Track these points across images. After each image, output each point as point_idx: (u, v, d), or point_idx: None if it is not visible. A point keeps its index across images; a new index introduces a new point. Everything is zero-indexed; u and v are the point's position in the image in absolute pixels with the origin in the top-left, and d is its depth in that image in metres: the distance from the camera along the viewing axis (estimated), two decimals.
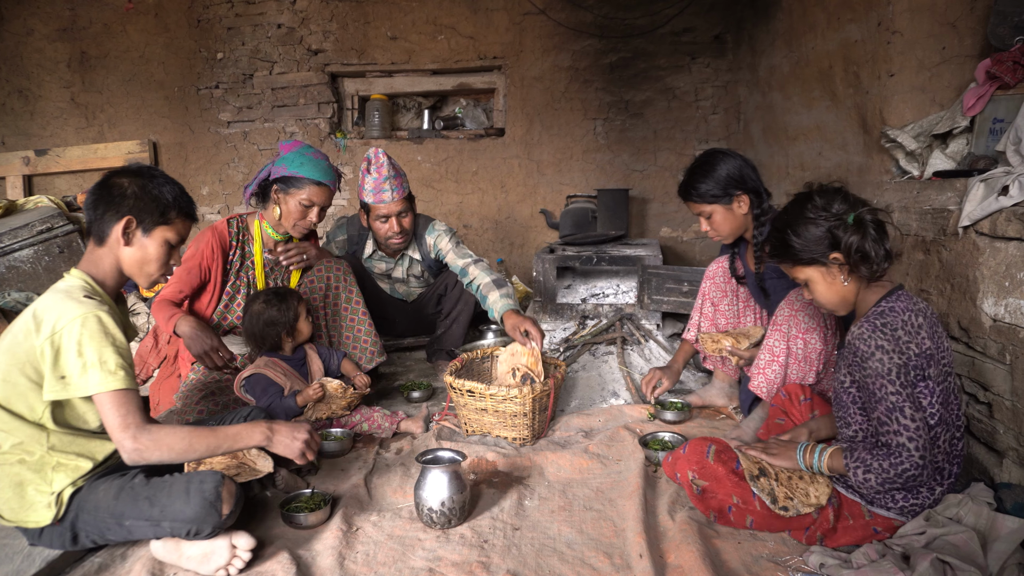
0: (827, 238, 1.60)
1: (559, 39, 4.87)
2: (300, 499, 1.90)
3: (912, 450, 1.49)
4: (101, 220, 1.66)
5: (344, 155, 5.16)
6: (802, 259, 1.65)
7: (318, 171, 2.49)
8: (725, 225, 2.29)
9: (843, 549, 1.65)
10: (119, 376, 1.52)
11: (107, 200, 1.66)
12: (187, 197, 1.77)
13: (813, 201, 1.64)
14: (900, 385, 1.50)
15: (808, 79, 3.47)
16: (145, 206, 1.67)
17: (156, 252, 1.70)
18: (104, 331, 1.53)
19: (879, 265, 1.58)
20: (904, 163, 2.64)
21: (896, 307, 1.57)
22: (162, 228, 1.70)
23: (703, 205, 2.27)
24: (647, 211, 5.04)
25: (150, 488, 1.60)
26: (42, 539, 1.61)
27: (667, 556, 1.64)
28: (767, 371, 2.10)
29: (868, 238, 1.57)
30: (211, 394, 2.38)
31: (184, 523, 1.56)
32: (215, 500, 1.56)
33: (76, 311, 1.52)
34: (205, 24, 5.12)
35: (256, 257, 2.59)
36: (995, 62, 2.30)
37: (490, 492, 2.01)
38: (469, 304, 3.11)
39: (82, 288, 1.61)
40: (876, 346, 1.52)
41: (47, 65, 5.26)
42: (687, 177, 2.30)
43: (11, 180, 5.24)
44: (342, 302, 2.68)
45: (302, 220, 2.52)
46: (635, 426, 2.44)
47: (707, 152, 2.31)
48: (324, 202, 2.54)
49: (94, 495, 1.60)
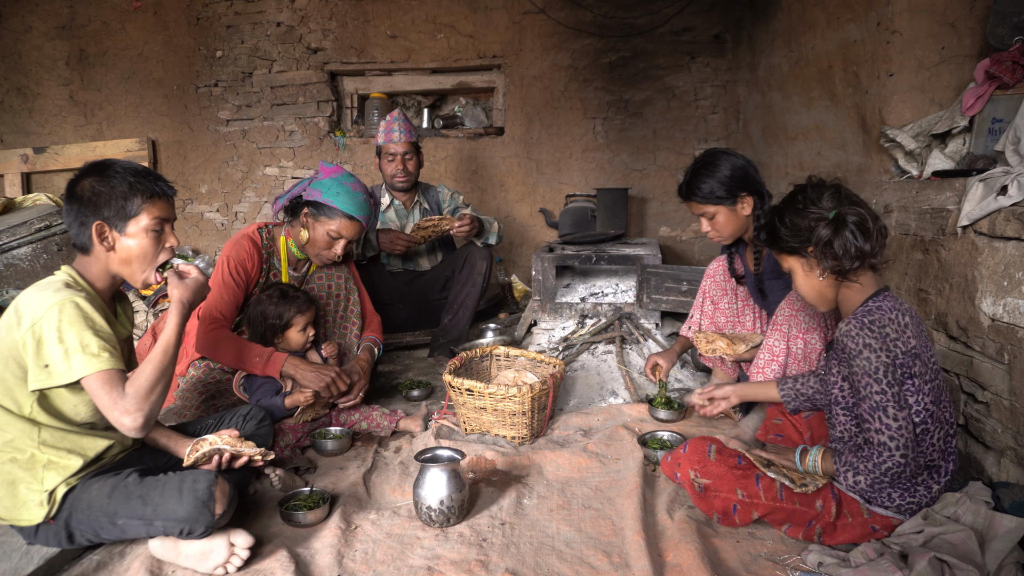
0: (807, 230, 1.64)
1: (559, 38, 4.86)
2: (299, 497, 1.90)
3: (893, 449, 1.52)
4: (78, 232, 1.64)
5: (343, 153, 5.16)
6: (785, 248, 1.70)
7: (353, 205, 2.40)
8: (728, 226, 2.26)
9: (841, 547, 1.65)
10: (103, 358, 1.51)
11: (74, 211, 1.63)
12: (147, 177, 1.67)
13: (805, 192, 1.68)
14: (886, 384, 1.53)
15: (807, 79, 3.48)
16: (107, 205, 1.62)
17: (140, 246, 1.66)
18: (83, 316, 1.52)
19: (849, 263, 1.60)
20: (903, 163, 2.64)
21: (883, 306, 1.60)
22: (134, 220, 1.64)
23: (707, 206, 2.24)
24: (646, 210, 5.04)
25: (143, 487, 1.59)
26: (38, 537, 1.61)
27: (666, 555, 1.64)
28: (766, 370, 2.10)
29: (840, 236, 1.59)
30: (211, 397, 2.38)
31: (177, 522, 1.56)
32: (208, 500, 1.55)
33: (52, 299, 1.51)
34: (204, 22, 5.12)
35: (282, 272, 2.55)
36: (994, 62, 2.30)
37: (489, 491, 2.01)
38: (476, 287, 3.21)
39: (63, 281, 1.61)
40: (864, 344, 1.55)
41: (46, 63, 5.25)
42: (690, 177, 2.25)
43: (9, 178, 5.23)
44: (341, 310, 2.67)
45: (327, 251, 2.46)
46: (634, 425, 2.44)
47: (709, 152, 2.28)
48: (353, 236, 2.46)
49: (88, 494, 1.59)
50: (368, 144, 5.13)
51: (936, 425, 1.59)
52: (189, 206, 5.34)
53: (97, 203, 1.61)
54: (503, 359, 2.76)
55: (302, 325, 2.38)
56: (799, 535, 1.70)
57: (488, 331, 3.49)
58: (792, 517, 1.69)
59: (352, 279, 2.70)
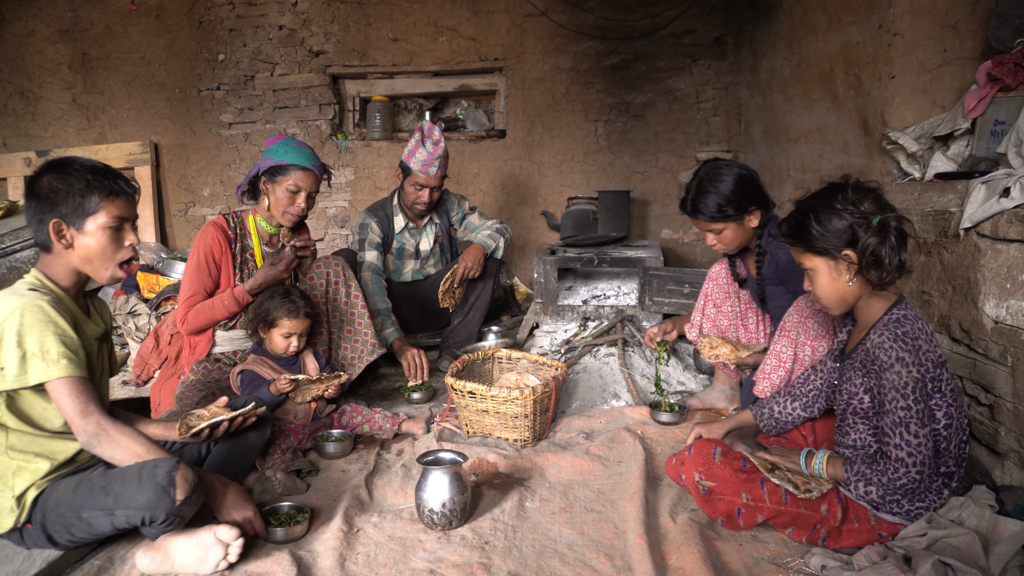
0: (847, 233, 1.57)
1: (560, 41, 4.87)
2: (278, 513, 1.83)
3: (910, 465, 1.51)
4: (37, 229, 1.62)
5: (345, 156, 5.16)
6: (815, 247, 1.62)
7: (302, 157, 2.51)
8: (736, 240, 2.24)
9: (845, 551, 1.65)
10: (61, 364, 1.50)
11: (32, 208, 1.61)
12: (106, 175, 1.63)
13: (845, 193, 1.59)
14: (912, 400, 1.50)
15: (809, 81, 3.47)
16: (63, 202, 1.59)
17: (98, 244, 1.62)
18: (46, 319, 1.50)
19: (891, 273, 1.56)
20: (905, 165, 2.64)
21: (909, 315, 1.57)
22: (91, 218, 1.61)
23: (714, 224, 2.19)
24: (648, 213, 5.04)
25: (106, 478, 1.57)
26: (26, 542, 1.61)
27: (668, 558, 1.64)
28: (772, 376, 2.10)
29: (887, 244, 1.54)
30: (211, 394, 2.38)
31: (137, 510, 1.52)
32: (167, 485, 1.50)
33: (16, 303, 1.50)
34: (206, 25, 5.13)
35: (255, 251, 2.59)
36: (996, 64, 2.30)
37: (491, 493, 2.01)
38: (488, 289, 3.27)
39: (28, 284, 1.60)
40: (896, 357, 1.51)
41: (48, 66, 5.26)
42: (695, 195, 2.19)
43: (12, 181, 5.24)
44: (341, 297, 2.71)
45: (291, 206, 2.53)
46: (636, 427, 2.44)
47: (712, 165, 2.20)
48: (310, 187, 2.54)
49: (56, 492, 1.58)
50: (370, 147, 5.13)
51: (954, 433, 1.57)
52: (191, 209, 5.35)
53: (54, 200, 1.59)
54: (505, 362, 2.76)
55: (287, 330, 2.36)
56: (803, 539, 1.69)
57: (490, 333, 3.49)
58: (796, 521, 1.68)
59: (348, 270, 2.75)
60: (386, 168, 5.10)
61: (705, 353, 2.38)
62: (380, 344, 2.76)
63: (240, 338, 2.53)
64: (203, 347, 2.50)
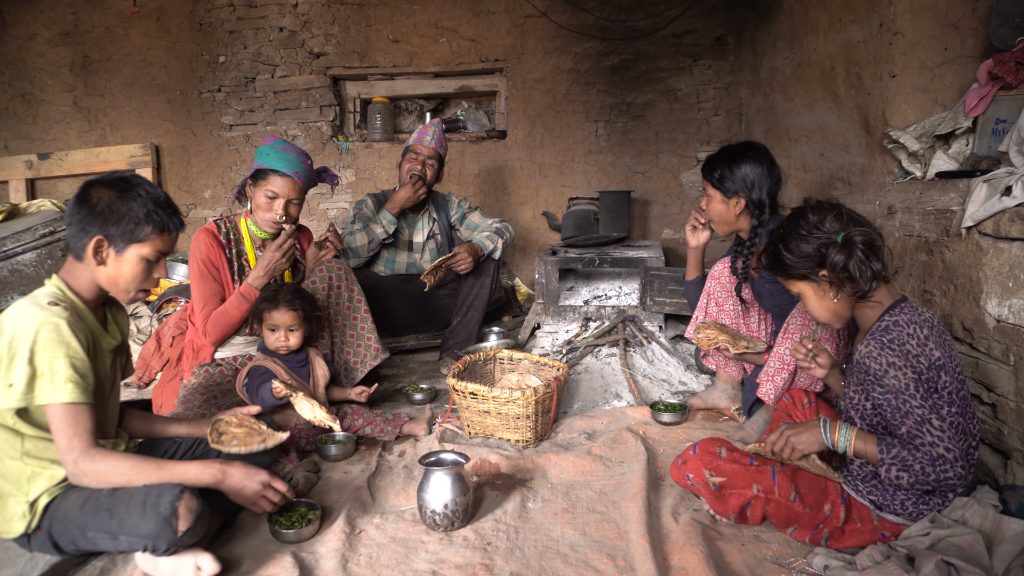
0: (816, 255, 1.61)
1: (560, 41, 4.87)
2: (295, 509, 1.83)
3: (951, 460, 1.47)
4: (75, 236, 1.60)
5: (346, 158, 5.16)
6: (793, 274, 1.67)
7: (282, 162, 2.44)
8: (714, 213, 2.42)
9: (848, 551, 1.64)
10: (67, 389, 1.48)
11: (80, 215, 1.59)
12: (167, 210, 1.64)
13: (806, 217, 1.64)
14: (922, 397, 1.50)
15: (810, 80, 3.47)
16: (116, 223, 1.58)
17: (131, 272, 1.63)
18: (59, 340, 1.49)
19: (867, 284, 1.58)
20: (907, 164, 2.63)
21: (900, 320, 1.57)
22: (135, 246, 1.61)
23: (710, 188, 2.38)
24: (649, 213, 5.03)
25: (112, 499, 1.55)
26: (32, 546, 1.61)
27: (671, 558, 1.64)
28: (776, 378, 2.10)
29: (854, 259, 1.57)
30: (212, 398, 2.38)
31: (140, 538, 1.51)
32: (170, 516, 1.49)
33: (35, 318, 1.49)
34: (207, 28, 5.13)
35: (249, 255, 2.57)
36: (997, 63, 2.30)
37: (493, 494, 2.01)
38: (485, 288, 3.28)
39: (50, 295, 1.58)
40: (888, 363, 1.52)
41: (50, 69, 5.27)
42: (716, 156, 2.38)
43: (14, 184, 5.25)
44: (344, 300, 2.69)
45: (268, 213, 2.47)
46: (638, 428, 2.44)
47: (748, 145, 2.38)
48: (288, 194, 2.47)
49: (64, 504, 1.57)
50: (371, 148, 5.14)
51: (961, 437, 1.56)
52: (193, 211, 5.35)
53: (107, 218, 1.58)
54: (507, 362, 2.76)
55: (270, 323, 2.35)
56: (805, 538, 1.69)
57: (491, 334, 3.48)
58: (799, 520, 1.68)
59: (350, 272, 2.73)
60: (387, 169, 5.10)
61: (704, 342, 2.38)
62: (383, 350, 2.75)
63: (240, 343, 2.53)
64: (207, 351, 2.50)
